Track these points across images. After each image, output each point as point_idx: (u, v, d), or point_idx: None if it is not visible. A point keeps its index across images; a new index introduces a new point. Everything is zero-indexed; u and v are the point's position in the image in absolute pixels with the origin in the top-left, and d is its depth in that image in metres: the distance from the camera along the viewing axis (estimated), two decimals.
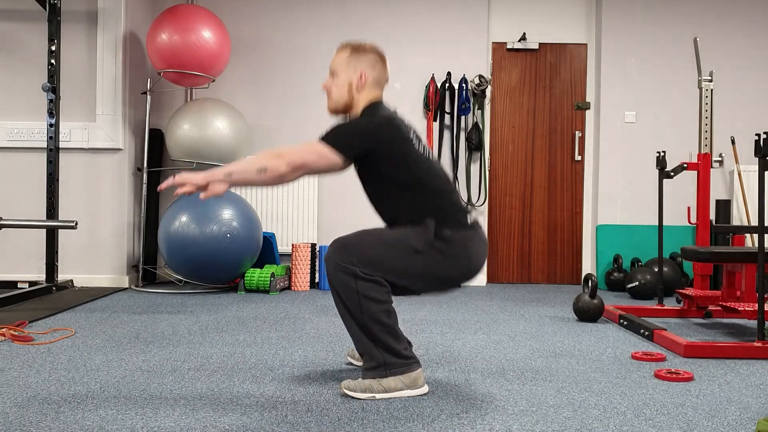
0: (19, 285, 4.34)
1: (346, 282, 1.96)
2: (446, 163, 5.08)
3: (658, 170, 4.09)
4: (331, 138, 2.01)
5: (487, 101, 5.10)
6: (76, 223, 3.49)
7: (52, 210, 4.16)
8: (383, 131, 2.04)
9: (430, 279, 2.06)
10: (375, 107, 2.13)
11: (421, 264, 2.01)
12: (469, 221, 2.09)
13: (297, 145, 2.00)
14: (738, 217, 5.03)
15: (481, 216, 5.09)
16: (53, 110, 4.14)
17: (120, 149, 4.51)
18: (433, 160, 2.12)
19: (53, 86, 4.13)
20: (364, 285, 1.96)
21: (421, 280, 2.05)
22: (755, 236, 4.82)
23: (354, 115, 2.17)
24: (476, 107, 5.03)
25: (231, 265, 4.18)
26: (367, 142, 2.02)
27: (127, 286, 4.51)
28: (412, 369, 2.02)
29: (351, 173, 5.01)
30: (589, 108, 5.23)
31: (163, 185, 2.04)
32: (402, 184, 2.06)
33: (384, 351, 1.99)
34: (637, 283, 4.43)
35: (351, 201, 5.03)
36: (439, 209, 2.06)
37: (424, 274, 2.03)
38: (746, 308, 3.06)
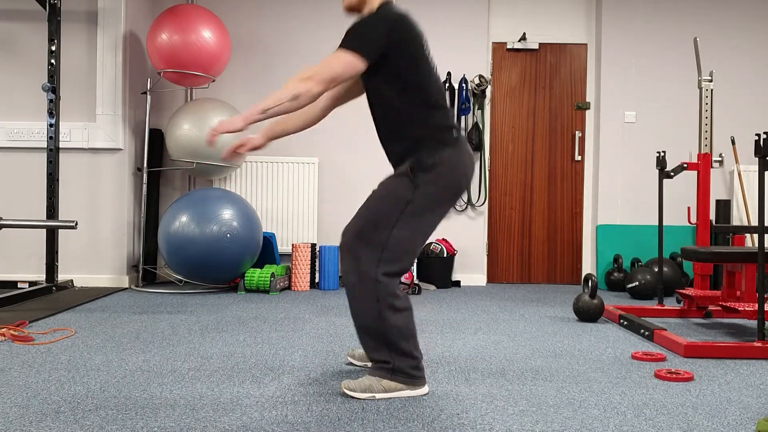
0: (19, 285, 4.34)
1: (366, 286, 1.99)
2: None
3: (658, 170, 4.10)
4: (352, 42, 1.96)
5: (487, 101, 5.10)
6: (76, 223, 3.49)
7: (52, 210, 4.16)
8: (401, 26, 2.00)
9: (434, 212, 2.05)
10: (388, 5, 2.07)
11: (421, 206, 2.02)
12: (455, 136, 2.08)
13: (321, 63, 1.96)
14: (738, 217, 5.03)
15: (481, 216, 5.09)
16: (53, 110, 4.14)
17: (120, 149, 4.51)
18: (435, 68, 2.11)
19: (53, 86, 4.13)
20: (385, 289, 1.98)
21: (429, 216, 2.05)
22: (755, 236, 4.82)
23: (368, 12, 2.10)
24: (476, 107, 5.03)
25: (231, 265, 4.18)
26: (387, 38, 1.98)
27: (127, 286, 4.51)
28: (417, 385, 2.03)
29: (349, 175, 5.01)
30: (589, 108, 5.23)
31: (210, 138, 1.97)
32: (411, 89, 2.03)
33: (398, 356, 2.01)
34: (637, 283, 4.43)
35: (351, 201, 5.03)
36: (434, 125, 2.04)
37: (430, 211, 2.04)
38: (746, 308, 3.06)
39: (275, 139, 2.30)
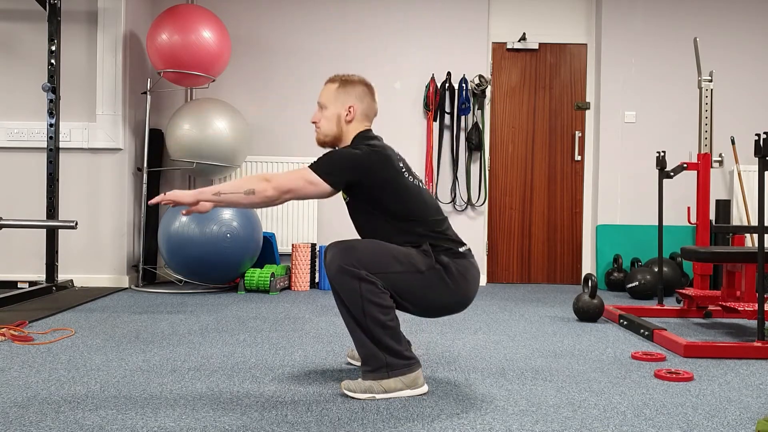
0: (19, 285, 4.34)
1: (351, 285, 1.96)
2: (446, 163, 5.08)
3: (658, 170, 4.09)
4: (320, 166, 2.03)
5: (487, 101, 5.10)
6: (76, 223, 3.49)
7: (52, 210, 4.16)
8: (372, 161, 2.05)
9: (427, 301, 2.07)
10: (364, 137, 2.15)
11: (422, 284, 2.03)
12: (462, 250, 2.11)
13: (287, 172, 2.03)
14: (738, 217, 5.03)
15: (481, 216, 5.09)
16: (53, 110, 4.14)
17: (120, 149, 4.51)
18: (424, 190, 2.14)
19: (53, 86, 4.13)
20: (368, 288, 1.96)
21: (420, 299, 2.06)
22: (755, 236, 4.82)
23: (344, 146, 2.19)
24: (476, 107, 5.03)
25: (231, 265, 4.18)
26: (356, 172, 2.04)
27: (127, 286, 4.51)
28: (412, 369, 2.02)
29: None
30: (589, 108, 5.23)
31: (154, 201, 2.04)
32: (393, 214, 2.08)
33: (386, 353, 1.99)
34: (637, 283, 4.43)
35: None
36: (433, 238, 2.08)
37: (423, 296, 2.05)
38: (746, 308, 3.06)
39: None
